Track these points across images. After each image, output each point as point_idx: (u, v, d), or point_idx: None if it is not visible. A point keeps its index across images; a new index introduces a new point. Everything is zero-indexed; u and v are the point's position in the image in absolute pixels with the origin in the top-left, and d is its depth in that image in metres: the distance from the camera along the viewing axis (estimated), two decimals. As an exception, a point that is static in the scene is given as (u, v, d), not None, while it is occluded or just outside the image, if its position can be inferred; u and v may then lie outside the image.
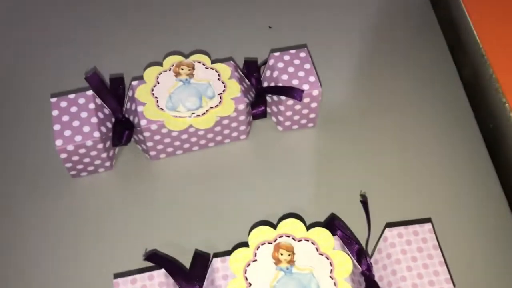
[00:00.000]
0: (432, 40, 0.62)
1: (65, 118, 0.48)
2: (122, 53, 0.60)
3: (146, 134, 0.49)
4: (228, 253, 0.41)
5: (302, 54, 0.53)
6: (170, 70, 0.51)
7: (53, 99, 0.49)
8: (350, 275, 0.40)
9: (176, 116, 0.48)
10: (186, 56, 0.52)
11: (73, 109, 0.49)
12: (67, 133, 0.47)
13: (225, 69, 0.51)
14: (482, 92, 0.57)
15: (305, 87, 0.51)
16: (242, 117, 0.51)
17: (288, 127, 0.54)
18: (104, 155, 0.50)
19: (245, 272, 0.39)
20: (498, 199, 0.49)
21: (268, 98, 0.53)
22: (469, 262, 0.45)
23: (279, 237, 0.41)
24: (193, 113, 0.48)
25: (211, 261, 0.41)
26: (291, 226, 0.41)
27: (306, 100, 0.51)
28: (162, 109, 0.48)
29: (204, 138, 0.51)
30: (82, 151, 0.48)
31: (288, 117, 0.53)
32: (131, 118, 0.50)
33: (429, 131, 0.53)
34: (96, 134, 0.47)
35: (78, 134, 0.47)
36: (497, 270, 0.45)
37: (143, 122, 0.48)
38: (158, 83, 0.50)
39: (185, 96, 0.49)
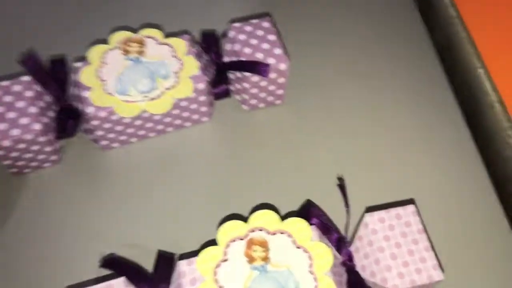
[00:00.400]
0: (403, 4, 0.57)
1: (-1, 109, 0.42)
2: (62, 30, 0.53)
3: (95, 122, 0.43)
4: (195, 253, 0.37)
5: (266, 24, 0.48)
6: (116, 48, 0.45)
7: (-17, 88, 0.43)
8: (331, 268, 0.36)
9: (127, 101, 0.42)
10: (135, 31, 0.46)
11: (8, 98, 0.42)
12: (2, 126, 0.41)
13: (180, 44, 0.46)
14: (455, 58, 0.54)
15: (271, 61, 0.46)
16: (202, 98, 0.46)
17: (254, 106, 0.50)
18: (48, 148, 0.44)
19: (215, 274, 0.35)
20: (479, 173, 0.46)
21: (231, 75, 0.47)
22: (456, 245, 0.43)
23: (251, 231, 0.37)
24: (145, 96, 0.43)
25: (176, 263, 0.37)
26: (264, 218, 0.37)
27: (272, 75, 0.46)
28: (110, 93, 0.43)
29: (161, 123, 0.46)
30: (21, 146, 0.42)
31: (254, 95, 0.48)
32: (76, 104, 0.44)
33: (406, 107, 0.50)
34: (36, 126, 0.41)
35: (15, 127, 0.41)
36: (486, 252, 0.43)
37: (89, 110, 0.42)
38: (105, 63, 0.44)
39: (136, 77, 0.43)
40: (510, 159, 0.47)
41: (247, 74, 0.46)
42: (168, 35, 0.47)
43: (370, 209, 0.42)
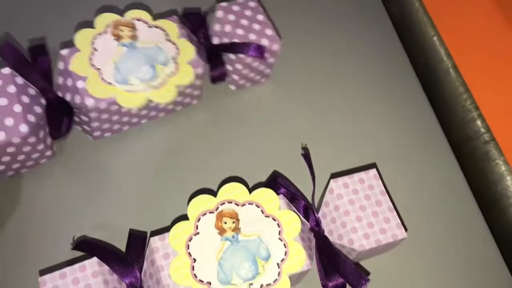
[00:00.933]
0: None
1: (-21, 108, 0.38)
2: (37, 12, 0.48)
3: (93, 114, 0.41)
4: (166, 229, 0.37)
5: (252, 4, 0.48)
6: (106, 32, 0.42)
7: (-43, 83, 0.38)
8: (300, 233, 0.38)
9: (129, 90, 0.40)
10: (121, 13, 0.43)
11: (-12, 94, 0.38)
12: (-14, 129, 0.37)
13: (172, 27, 0.44)
14: (410, 27, 0.57)
15: (264, 42, 0.46)
16: (198, 82, 0.45)
17: (241, 86, 0.50)
18: (41, 146, 0.40)
19: (188, 248, 0.36)
20: (435, 132, 0.49)
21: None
22: (417, 204, 0.45)
23: (221, 204, 0.38)
24: (148, 85, 0.41)
25: (148, 241, 0.37)
26: (233, 190, 0.38)
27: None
28: (109, 83, 0.40)
29: (155, 109, 0.45)
30: (11, 150, 0.38)
31: (243, 75, 0.48)
32: (67, 97, 0.41)
33: (366, 77, 0.51)
34: (23, 129, 0.38)
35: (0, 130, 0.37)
36: (445, 210, 0.46)
37: (89, 102, 0.40)
38: (96, 50, 0.41)
39: (135, 65, 0.41)
40: (466, 121, 0.50)
41: (241, 55, 0.45)
42: (155, 16, 0.44)
43: (335, 175, 0.44)
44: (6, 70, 0.39)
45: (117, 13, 0.43)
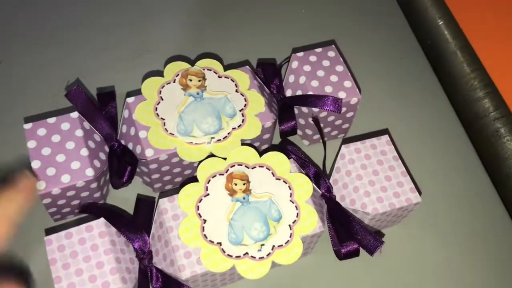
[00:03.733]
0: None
1: (46, 151, 0.37)
2: (108, 61, 0.48)
3: (152, 166, 0.39)
4: (175, 191, 0.36)
5: (331, 53, 0.44)
6: (174, 81, 0.41)
7: (27, 125, 0.38)
8: (311, 197, 0.36)
9: (191, 142, 0.38)
10: (192, 63, 0.42)
11: (55, 138, 0.38)
12: (51, 171, 0.37)
13: (243, 77, 0.42)
14: (417, 11, 0.57)
15: (342, 94, 0.42)
16: (267, 136, 0.42)
17: (315, 141, 0.46)
18: (97, 194, 0.39)
19: (198, 209, 0.35)
20: (444, 106, 0.50)
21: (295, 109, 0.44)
22: (429, 170, 0.45)
23: (231, 167, 0.36)
24: (212, 138, 0.38)
25: (157, 204, 0.36)
26: (243, 153, 0.37)
27: (342, 109, 0.42)
28: (172, 133, 0.38)
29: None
30: (71, 193, 0.37)
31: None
32: (129, 145, 0.39)
33: (380, 62, 0.51)
34: (90, 173, 0.37)
35: (65, 173, 0.37)
36: (457, 176, 0.45)
37: (148, 152, 0.38)
38: (162, 99, 0.40)
39: (200, 116, 0.39)
40: (474, 99, 0.50)
41: (315, 109, 0.42)
42: (227, 67, 0.43)
43: (346, 141, 0.43)
44: (75, 115, 0.39)
45: (189, 63, 0.42)
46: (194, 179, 0.36)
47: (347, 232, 0.37)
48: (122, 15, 0.51)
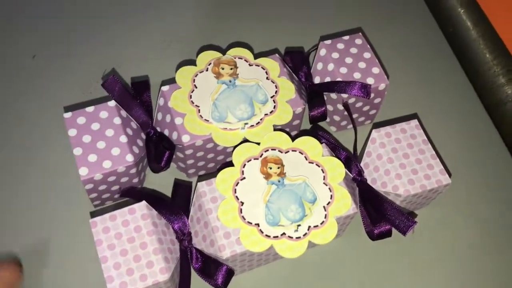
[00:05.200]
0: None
1: (86, 138, 0.39)
2: (141, 50, 0.50)
3: (188, 151, 0.40)
4: (212, 176, 0.38)
5: (358, 41, 0.45)
6: (207, 70, 0.42)
7: (67, 114, 0.40)
8: (344, 179, 0.37)
9: (225, 128, 0.39)
10: (223, 52, 0.43)
11: (95, 126, 0.39)
12: (92, 158, 0.38)
13: (273, 65, 0.43)
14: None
15: (370, 80, 0.43)
16: (296, 122, 0.43)
17: (343, 127, 0.47)
18: (135, 180, 0.41)
19: (235, 192, 0.36)
20: (468, 93, 0.51)
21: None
22: (456, 153, 0.46)
23: (265, 151, 0.38)
24: (246, 124, 0.40)
25: (195, 188, 0.38)
26: (276, 138, 0.39)
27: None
28: (206, 120, 0.39)
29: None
30: (111, 178, 0.39)
31: (346, 116, 0.45)
32: (166, 132, 0.41)
33: (404, 51, 0.52)
34: (129, 158, 0.38)
35: (106, 159, 0.38)
36: (483, 158, 0.46)
37: (185, 138, 0.39)
38: (196, 87, 0.41)
39: (233, 103, 0.40)
40: (496, 86, 0.51)
41: (344, 95, 0.43)
42: (257, 55, 0.44)
43: (376, 125, 0.44)
44: (112, 103, 0.40)
45: (220, 52, 0.43)
46: (230, 164, 0.38)
47: (379, 214, 0.38)
48: (150, 7, 0.53)
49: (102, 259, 0.34)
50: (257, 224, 0.35)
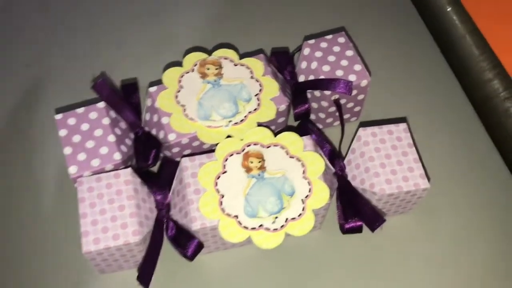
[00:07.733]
0: None
1: (76, 138, 0.40)
2: (131, 53, 0.51)
3: (175, 150, 0.41)
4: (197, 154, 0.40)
5: (341, 39, 0.46)
6: (193, 70, 0.43)
7: (58, 116, 0.41)
8: (323, 174, 0.38)
9: (210, 126, 0.41)
10: (209, 52, 0.44)
11: (84, 126, 0.41)
12: (81, 156, 0.39)
13: (257, 65, 0.44)
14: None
15: (352, 77, 0.44)
16: (281, 119, 0.44)
17: (328, 124, 0.48)
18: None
19: (216, 185, 0.37)
20: (454, 89, 0.51)
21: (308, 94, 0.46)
22: (442, 161, 0.46)
23: (247, 146, 0.39)
24: (230, 121, 0.41)
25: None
26: (258, 133, 0.40)
27: (353, 92, 0.44)
28: (192, 118, 0.41)
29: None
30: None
31: (330, 113, 0.46)
32: (153, 131, 0.42)
33: (391, 47, 0.53)
34: (117, 156, 0.40)
35: (95, 158, 0.39)
36: (468, 157, 0.47)
37: (171, 137, 0.40)
38: (182, 87, 0.42)
39: (218, 101, 0.41)
40: (484, 81, 0.52)
41: (326, 92, 0.44)
42: (242, 55, 0.45)
43: (364, 124, 0.43)
44: (101, 104, 0.42)
45: (207, 53, 0.44)
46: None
47: (353, 209, 0.39)
48: (141, 10, 0.54)
49: (82, 215, 0.36)
50: (236, 216, 0.36)
